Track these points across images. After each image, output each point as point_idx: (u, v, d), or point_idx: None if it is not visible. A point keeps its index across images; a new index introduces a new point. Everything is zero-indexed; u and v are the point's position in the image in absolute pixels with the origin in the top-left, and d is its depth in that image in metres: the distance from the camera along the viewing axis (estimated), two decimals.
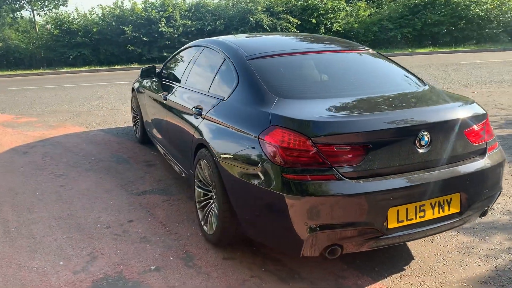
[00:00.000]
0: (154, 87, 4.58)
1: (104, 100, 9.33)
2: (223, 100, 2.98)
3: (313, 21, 18.23)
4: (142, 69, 4.65)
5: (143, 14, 17.29)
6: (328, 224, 2.23)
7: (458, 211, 2.48)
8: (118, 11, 17.56)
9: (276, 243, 2.52)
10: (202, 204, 3.16)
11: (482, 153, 2.60)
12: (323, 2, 18.54)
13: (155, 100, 4.44)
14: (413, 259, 2.80)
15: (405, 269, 2.68)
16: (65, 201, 3.85)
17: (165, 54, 17.30)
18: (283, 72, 2.99)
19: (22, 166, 4.89)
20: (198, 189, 3.21)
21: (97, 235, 3.21)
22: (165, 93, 4.04)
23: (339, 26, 18.73)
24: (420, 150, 2.36)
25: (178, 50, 4.41)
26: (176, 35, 16.96)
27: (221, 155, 2.70)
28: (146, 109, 4.90)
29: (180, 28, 16.97)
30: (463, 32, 19.22)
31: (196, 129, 3.13)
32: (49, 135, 6.31)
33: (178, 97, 3.73)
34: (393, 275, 2.62)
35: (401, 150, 2.33)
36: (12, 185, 4.27)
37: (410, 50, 18.18)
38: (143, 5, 17.85)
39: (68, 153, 5.33)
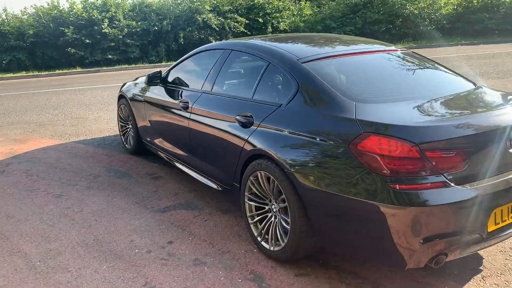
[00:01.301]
0: (162, 94, 4.24)
1: (64, 108, 8.62)
2: (280, 107, 2.80)
3: (260, 20, 18.25)
4: (149, 74, 4.29)
5: (83, 14, 16.26)
6: (439, 234, 2.15)
7: None
8: (55, 11, 16.36)
9: (374, 258, 2.39)
10: (258, 218, 2.96)
11: None
12: (268, 1, 18.61)
13: (165, 108, 4.11)
14: (483, 258, 2.81)
15: (482, 270, 2.68)
16: (81, 225, 3.45)
17: (109, 56, 16.45)
18: (345, 75, 2.87)
19: (8, 187, 4.33)
20: (249, 202, 3.00)
21: (141, 262, 2.89)
22: (185, 100, 3.75)
23: (285, 25, 18.93)
24: (511, 150, 2.35)
25: (189, 55, 4.12)
26: (120, 36, 16.16)
27: (295, 166, 2.52)
28: (148, 118, 4.54)
29: (125, 29, 16.19)
30: (401, 29, 20.24)
31: (247, 139, 2.92)
32: (20, 150, 5.67)
33: (208, 105, 3.47)
34: (475, 277, 2.61)
35: (496, 152, 2.30)
36: (8, 211, 3.76)
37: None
38: (82, 5, 16.79)
39: (54, 169, 4.81)
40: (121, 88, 5.38)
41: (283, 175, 2.61)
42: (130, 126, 5.14)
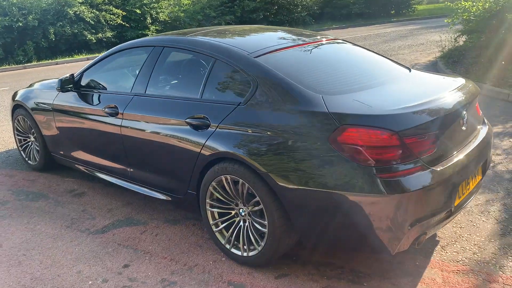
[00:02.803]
0: (77, 100, 3.75)
1: None
2: (238, 105, 2.65)
3: (138, 11, 17.35)
4: (61, 79, 3.74)
5: None
6: (422, 216, 2.25)
7: (481, 178, 2.78)
8: None
9: (361, 247, 2.41)
10: (223, 225, 2.80)
11: (483, 122, 2.96)
12: None
13: (84, 116, 3.65)
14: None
15: (439, 241, 2.90)
16: (8, 264, 2.92)
17: None
18: (299, 68, 2.82)
19: None
20: (212, 209, 2.83)
21: None
22: (112, 105, 3.37)
23: (165, 15, 18.30)
24: (463, 128, 2.55)
25: (106, 54, 3.68)
26: None
27: (270, 167, 2.42)
28: (59, 129, 4.00)
29: None
30: (277, 17, 20.98)
31: (204, 143, 2.72)
32: None
33: (145, 109, 3.15)
34: (436, 248, 2.81)
35: (454, 131, 2.48)
36: None
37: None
38: None
39: None
40: (14, 97, 4.66)
41: (255, 177, 2.49)
42: (33, 139, 4.49)
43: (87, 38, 16.01)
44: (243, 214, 2.70)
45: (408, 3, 23.86)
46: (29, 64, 14.71)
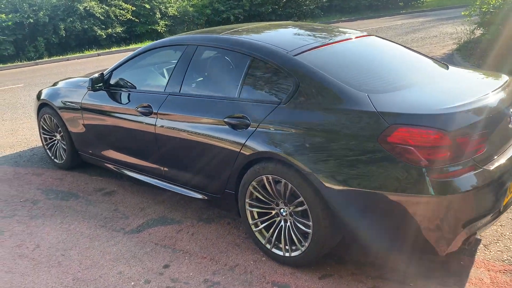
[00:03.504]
0: (107, 99, 3.74)
1: None
2: (279, 105, 2.63)
3: (147, 6, 17.30)
4: (93, 78, 3.73)
5: None
6: (475, 216, 2.23)
7: None
8: None
9: (411, 248, 2.38)
10: (263, 225, 2.79)
11: None
12: None
13: (115, 115, 3.64)
14: None
15: (482, 239, 2.86)
16: (48, 265, 2.93)
17: None
18: (340, 65, 2.78)
19: None
20: (251, 209, 2.82)
21: None
22: (145, 105, 3.35)
23: (174, 10, 18.24)
24: (510, 126, 2.51)
25: (137, 53, 3.65)
26: None
27: (316, 167, 2.39)
28: (88, 128, 3.99)
29: None
30: (285, 10, 20.83)
31: (244, 142, 2.70)
32: None
33: (181, 108, 3.14)
34: (479, 247, 2.78)
35: (501, 129, 2.45)
36: None
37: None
38: None
39: None
40: (39, 96, 4.65)
41: (299, 177, 2.47)
42: (59, 138, 4.49)
43: (97, 34, 15.99)
44: (284, 214, 2.69)
45: None
46: (40, 60, 14.73)
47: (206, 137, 2.95)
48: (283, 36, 3.24)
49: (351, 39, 3.16)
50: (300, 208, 2.56)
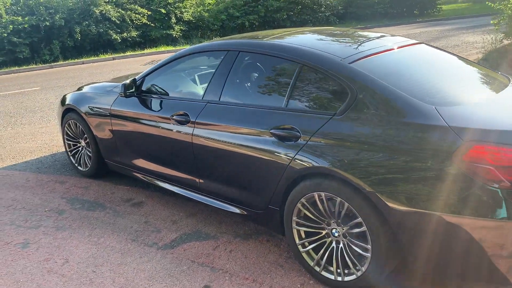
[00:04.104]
0: (139, 106, 3.57)
1: None
2: (333, 116, 2.43)
3: (163, 11, 17.23)
4: (125, 84, 3.56)
5: None
6: None
7: None
8: None
9: (481, 276, 2.16)
10: (312, 245, 2.58)
11: None
12: None
13: (147, 123, 3.47)
14: None
15: None
16: (79, 282, 2.74)
17: None
18: (399, 75, 2.59)
19: None
20: (298, 227, 2.62)
21: None
22: (181, 113, 3.17)
23: (189, 15, 18.16)
24: None
25: (172, 58, 3.48)
26: (5, 35, 14.00)
27: (378, 185, 2.19)
28: (117, 135, 3.82)
29: (10, 26, 14.07)
30: (301, 16, 20.69)
31: (294, 156, 2.51)
32: None
33: (221, 117, 2.95)
34: None
35: None
36: None
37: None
38: None
39: None
40: (64, 101, 4.50)
41: (359, 196, 2.27)
42: (84, 145, 4.33)
43: (112, 38, 15.93)
44: (336, 234, 2.49)
45: (434, 3, 23.37)
46: (55, 63, 14.68)
47: (249, 148, 2.76)
48: (330, 42, 3.04)
49: (404, 46, 2.97)
50: (357, 230, 2.35)
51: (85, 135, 4.23)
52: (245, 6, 19.71)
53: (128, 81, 3.57)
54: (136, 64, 13.20)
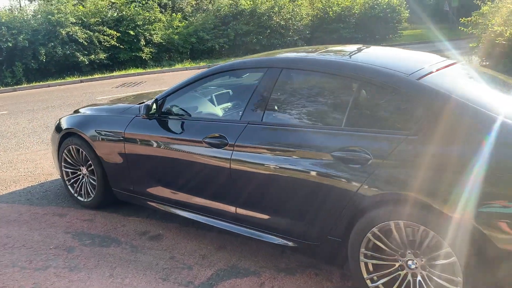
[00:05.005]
0: (161, 129, 3.24)
1: None
2: (408, 136, 2.24)
3: (131, 32, 16.78)
4: (148, 105, 3.22)
5: None
6: None
7: None
8: None
9: None
10: (383, 280, 2.35)
11: None
12: (137, 13, 17.31)
13: (172, 147, 3.16)
14: None
15: None
16: None
17: None
18: (466, 91, 2.44)
19: None
20: (367, 260, 2.38)
21: None
22: (216, 135, 2.89)
23: (158, 37, 17.82)
24: None
25: (199, 76, 3.18)
26: None
27: (472, 213, 2.00)
28: (132, 161, 3.46)
29: None
30: (270, 40, 20.83)
31: (365, 181, 2.28)
32: None
33: (267, 139, 2.70)
34: None
35: None
36: None
37: (233, 59, 18.70)
38: None
39: None
40: (60, 126, 4.08)
41: (448, 224, 2.06)
42: (87, 172, 3.92)
43: (79, 60, 15.29)
44: (413, 266, 2.26)
45: (395, 29, 24.27)
46: (19, 86, 13.86)
47: (305, 173, 2.52)
48: (383, 58, 2.88)
49: (455, 63, 2.85)
50: (443, 261, 2.14)
51: (89, 162, 3.82)
52: (214, 29, 19.63)
53: (149, 102, 3.25)
54: (107, 87, 12.69)
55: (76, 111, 4.36)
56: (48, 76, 15.08)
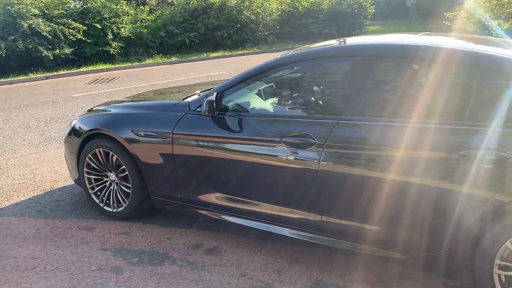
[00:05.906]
0: (223, 128, 2.83)
1: None
2: None
3: (98, 26, 15.82)
4: (210, 100, 2.78)
5: None
6: None
7: None
8: None
9: None
10: None
11: None
12: (103, 5, 16.36)
13: (240, 148, 2.76)
14: None
15: None
16: None
17: None
18: None
19: None
20: (500, 271, 2.12)
21: None
22: (297, 134, 2.53)
23: (127, 31, 16.94)
24: None
25: (265, 67, 2.78)
26: None
27: None
28: (183, 166, 3.03)
29: None
30: (241, 35, 20.40)
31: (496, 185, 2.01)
32: None
33: (368, 137, 2.36)
34: None
35: None
36: None
37: (205, 54, 18.15)
38: None
39: (18, 272, 2.81)
40: (78, 128, 3.55)
41: None
42: (116, 179, 3.43)
43: (43, 55, 14.24)
44: None
45: (361, 24, 24.55)
46: None
47: (423, 177, 2.21)
48: (494, 47, 2.60)
49: None
50: None
51: (122, 167, 3.33)
52: (184, 23, 18.97)
53: (211, 97, 2.81)
54: (79, 83, 11.84)
55: (91, 110, 3.84)
56: (9, 72, 13.94)
